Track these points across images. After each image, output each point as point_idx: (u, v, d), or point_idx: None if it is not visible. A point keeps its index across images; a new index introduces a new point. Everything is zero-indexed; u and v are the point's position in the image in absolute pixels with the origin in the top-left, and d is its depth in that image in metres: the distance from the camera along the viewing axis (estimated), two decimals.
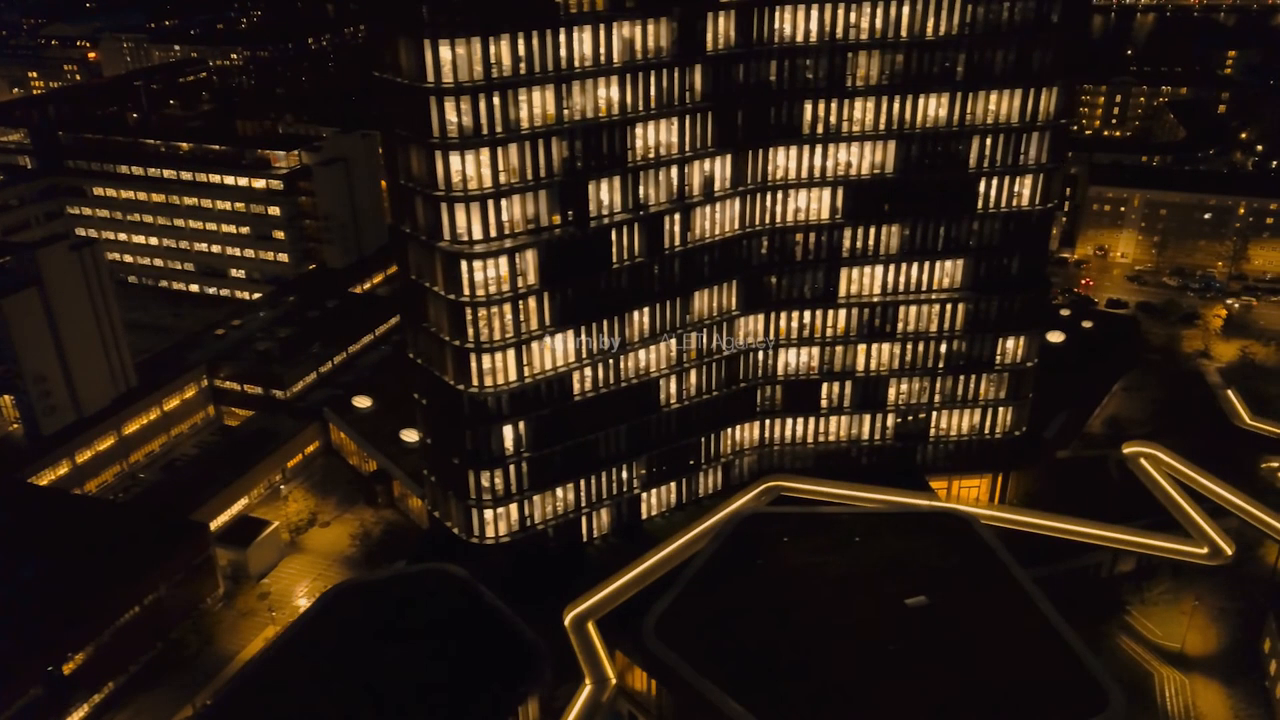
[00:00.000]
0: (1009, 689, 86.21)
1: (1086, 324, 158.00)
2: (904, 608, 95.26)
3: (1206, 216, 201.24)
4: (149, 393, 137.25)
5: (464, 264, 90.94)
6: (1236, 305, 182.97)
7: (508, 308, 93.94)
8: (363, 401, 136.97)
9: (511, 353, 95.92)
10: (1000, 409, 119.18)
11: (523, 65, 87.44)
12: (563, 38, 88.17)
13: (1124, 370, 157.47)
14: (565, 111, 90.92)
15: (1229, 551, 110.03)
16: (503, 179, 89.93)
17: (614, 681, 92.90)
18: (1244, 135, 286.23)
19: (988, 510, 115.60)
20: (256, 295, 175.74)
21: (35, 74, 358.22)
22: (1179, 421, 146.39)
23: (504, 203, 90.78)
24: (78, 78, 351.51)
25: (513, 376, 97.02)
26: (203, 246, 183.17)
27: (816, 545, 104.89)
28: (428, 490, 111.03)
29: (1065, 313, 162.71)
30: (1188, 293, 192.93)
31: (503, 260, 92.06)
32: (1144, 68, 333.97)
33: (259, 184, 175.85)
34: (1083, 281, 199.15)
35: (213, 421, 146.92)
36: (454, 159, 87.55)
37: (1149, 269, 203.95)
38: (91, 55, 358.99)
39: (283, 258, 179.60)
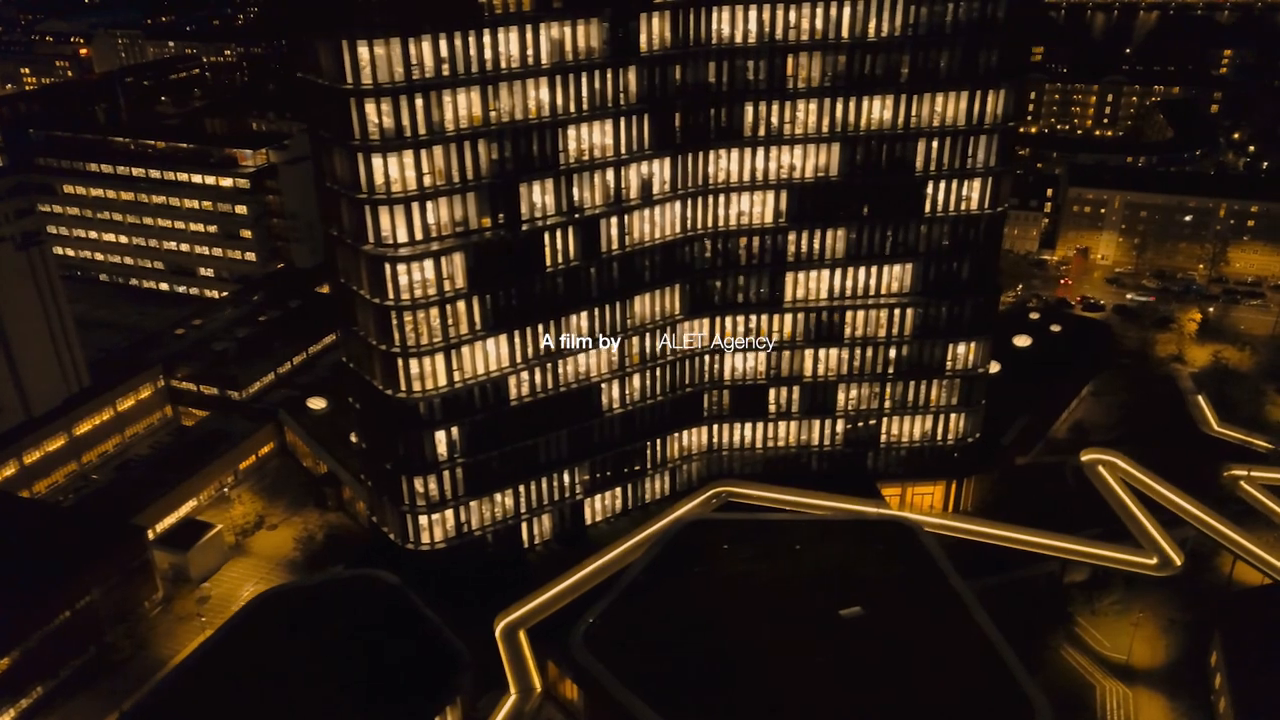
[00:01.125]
0: (936, 703, 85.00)
1: (1055, 327, 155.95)
2: (838, 618, 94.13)
3: (1187, 219, 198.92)
4: (102, 393, 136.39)
5: (389, 267, 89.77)
6: (1212, 309, 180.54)
7: (435, 311, 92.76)
8: (317, 403, 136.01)
9: (440, 357, 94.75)
10: (952, 415, 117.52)
11: (446, 66, 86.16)
12: (487, 39, 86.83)
13: (1093, 375, 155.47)
14: (492, 113, 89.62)
15: (1178, 562, 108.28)
16: (428, 181, 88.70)
17: (538, 691, 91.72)
18: (1236, 135, 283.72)
19: (936, 519, 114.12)
20: (225, 294, 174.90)
21: (28, 70, 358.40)
22: (1146, 428, 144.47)
23: (429, 205, 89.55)
24: (70, 74, 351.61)
25: (442, 381, 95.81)
26: (171, 245, 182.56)
27: (756, 553, 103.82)
28: (366, 495, 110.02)
29: (1034, 316, 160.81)
30: (1168, 295, 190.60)
31: (429, 263, 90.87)
32: (1141, 67, 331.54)
33: (226, 183, 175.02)
34: (1061, 283, 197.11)
35: (170, 422, 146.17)
36: (376, 161, 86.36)
37: (1129, 271, 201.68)
38: (83, 52, 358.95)
39: (250, 256, 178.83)
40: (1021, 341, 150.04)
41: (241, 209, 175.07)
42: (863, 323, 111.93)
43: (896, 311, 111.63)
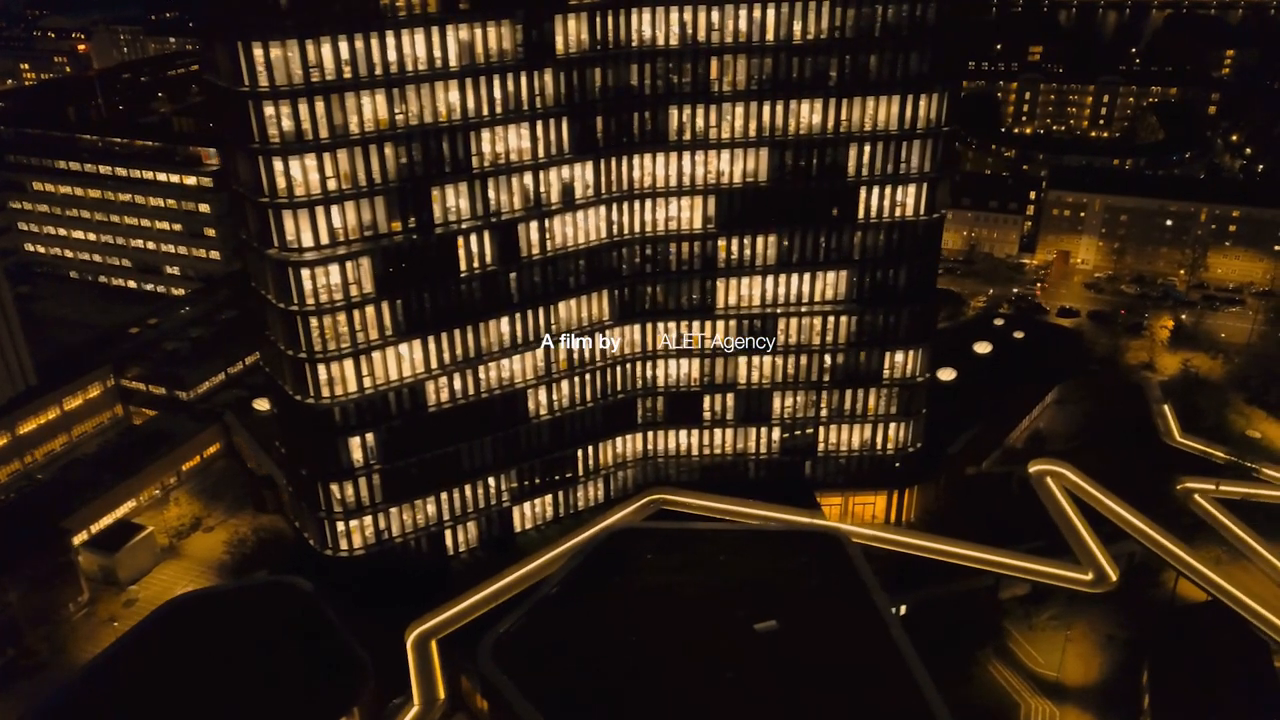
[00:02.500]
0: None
1: (1018, 334, 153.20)
2: (752, 632, 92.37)
3: (1168, 223, 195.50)
4: (48, 392, 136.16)
5: (293, 272, 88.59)
6: (1185, 316, 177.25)
7: (342, 317, 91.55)
8: (263, 404, 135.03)
9: (350, 363, 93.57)
10: (891, 424, 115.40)
11: (348, 69, 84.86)
12: (390, 41, 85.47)
13: (1056, 383, 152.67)
14: (399, 116, 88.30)
15: (1113, 578, 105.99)
16: (332, 185, 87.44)
17: (441, 702, 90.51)
18: (1235, 137, 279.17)
19: (869, 530, 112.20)
20: (186, 293, 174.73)
21: (27, 65, 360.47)
22: (1107, 437, 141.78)
23: (335, 209, 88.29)
24: (68, 70, 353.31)
25: (353, 387, 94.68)
26: (138, 243, 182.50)
27: (680, 563, 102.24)
28: (289, 500, 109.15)
29: (998, 322, 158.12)
30: (1144, 301, 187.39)
31: (334, 268, 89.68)
32: (1152, 67, 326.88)
33: (190, 181, 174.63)
34: (1038, 287, 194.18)
35: (121, 421, 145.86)
36: (277, 164, 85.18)
37: (1107, 276, 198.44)
38: (81, 48, 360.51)
39: (215, 255, 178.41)
40: (982, 348, 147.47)
41: (205, 207, 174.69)
42: (796, 330, 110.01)
43: (830, 319, 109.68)
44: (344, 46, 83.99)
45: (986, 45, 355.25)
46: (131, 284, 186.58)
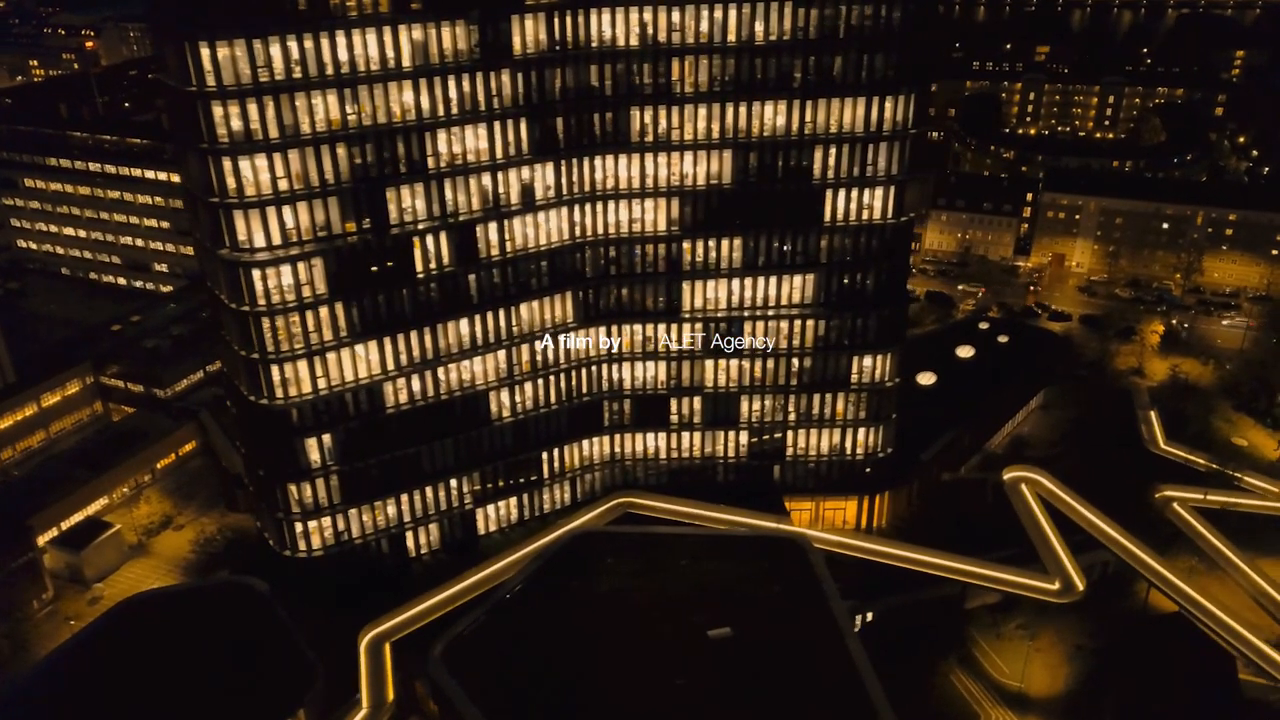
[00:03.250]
0: None
1: (1003, 338, 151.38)
2: (706, 639, 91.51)
3: (1164, 226, 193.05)
4: (26, 388, 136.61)
5: (245, 273, 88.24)
6: (1176, 321, 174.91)
7: (295, 318, 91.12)
8: None
9: (304, 363, 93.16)
10: (861, 429, 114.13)
11: (298, 69, 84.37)
12: (341, 40, 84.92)
13: (1040, 388, 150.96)
14: (351, 116, 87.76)
15: (1080, 587, 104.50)
16: (283, 185, 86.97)
17: (389, 704, 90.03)
18: (1242, 140, 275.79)
19: (834, 536, 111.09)
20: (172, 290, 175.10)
21: (35, 62, 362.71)
22: (1090, 443, 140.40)
23: (286, 210, 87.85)
24: (76, 66, 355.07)
25: (308, 388, 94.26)
26: (127, 240, 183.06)
27: (640, 568, 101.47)
28: (251, 501, 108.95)
29: (983, 325, 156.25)
30: (1139, 306, 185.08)
31: (286, 269, 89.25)
32: (1161, 68, 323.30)
33: (177, 178, 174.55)
34: (1030, 290, 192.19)
35: (101, 418, 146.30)
36: (227, 164, 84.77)
37: (1102, 280, 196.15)
38: (89, 45, 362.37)
39: None
40: (964, 352, 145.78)
41: None
42: (763, 333, 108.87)
43: (797, 323, 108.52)
44: (293, 46, 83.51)
45: (993, 45, 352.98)
46: (121, 281, 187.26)
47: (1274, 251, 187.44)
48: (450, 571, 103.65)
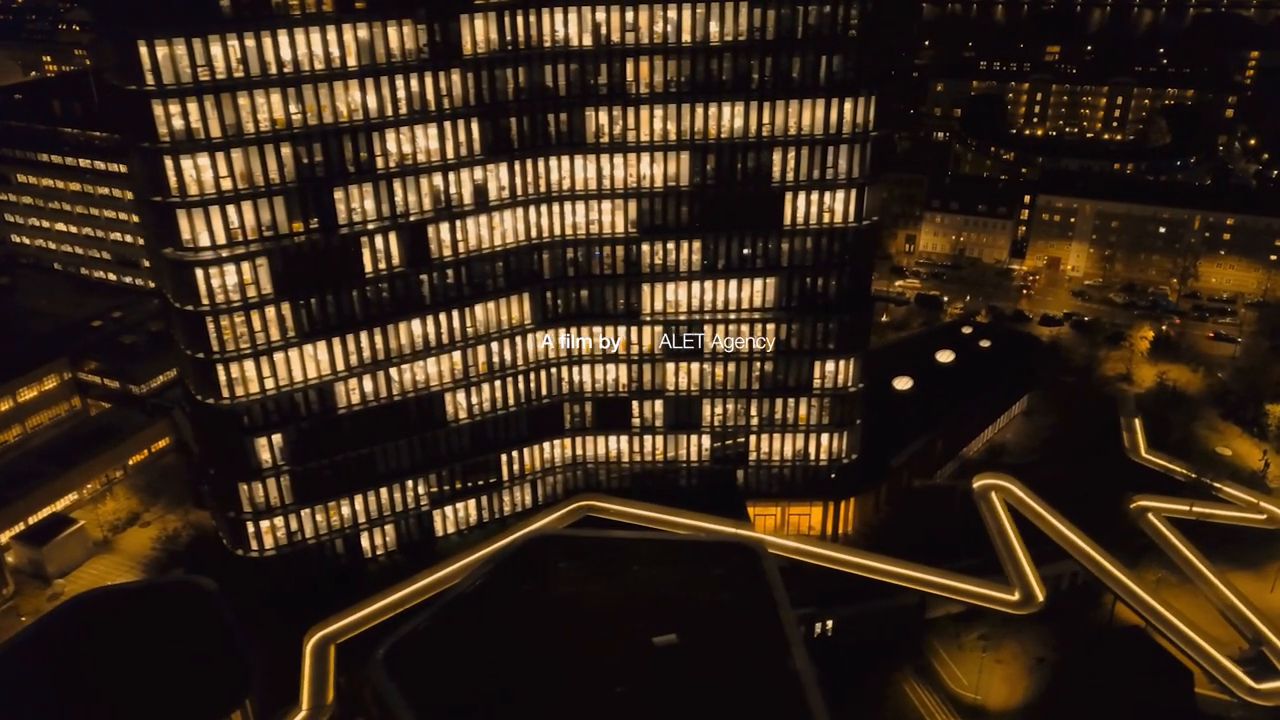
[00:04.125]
0: None
1: (985, 343, 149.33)
2: (651, 646, 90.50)
3: (1161, 230, 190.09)
4: (2, 383, 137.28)
5: (191, 272, 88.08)
6: (1165, 327, 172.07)
7: (241, 318, 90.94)
8: None
9: (251, 363, 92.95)
10: (824, 435, 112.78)
11: (243, 68, 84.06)
12: (284, 39, 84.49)
13: (1022, 393, 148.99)
14: (295, 115, 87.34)
15: (1040, 598, 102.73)
16: (227, 185, 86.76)
17: (329, 706, 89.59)
18: (1253, 142, 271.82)
19: (791, 542, 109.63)
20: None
21: (49, 58, 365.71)
22: (1071, 451, 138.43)
23: (231, 209, 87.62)
24: (88, 63, 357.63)
25: (255, 388, 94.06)
26: (116, 236, 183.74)
27: (592, 573, 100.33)
28: (207, 499, 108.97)
29: (966, 330, 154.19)
30: (1133, 311, 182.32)
31: (231, 268, 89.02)
32: (1168, 68, 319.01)
33: None
34: (1024, 294, 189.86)
35: (79, 414, 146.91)
36: (170, 163, 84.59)
37: (1098, 284, 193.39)
38: None
39: None
40: (944, 357, 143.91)
41: None
42: (724, 337, 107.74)
43: (758, 327, 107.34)
44: (235, 45, 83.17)
45: (1007, 44, 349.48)
46: (111, 276, 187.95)
47: (1273, 257, 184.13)
48: (405, 573, 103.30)
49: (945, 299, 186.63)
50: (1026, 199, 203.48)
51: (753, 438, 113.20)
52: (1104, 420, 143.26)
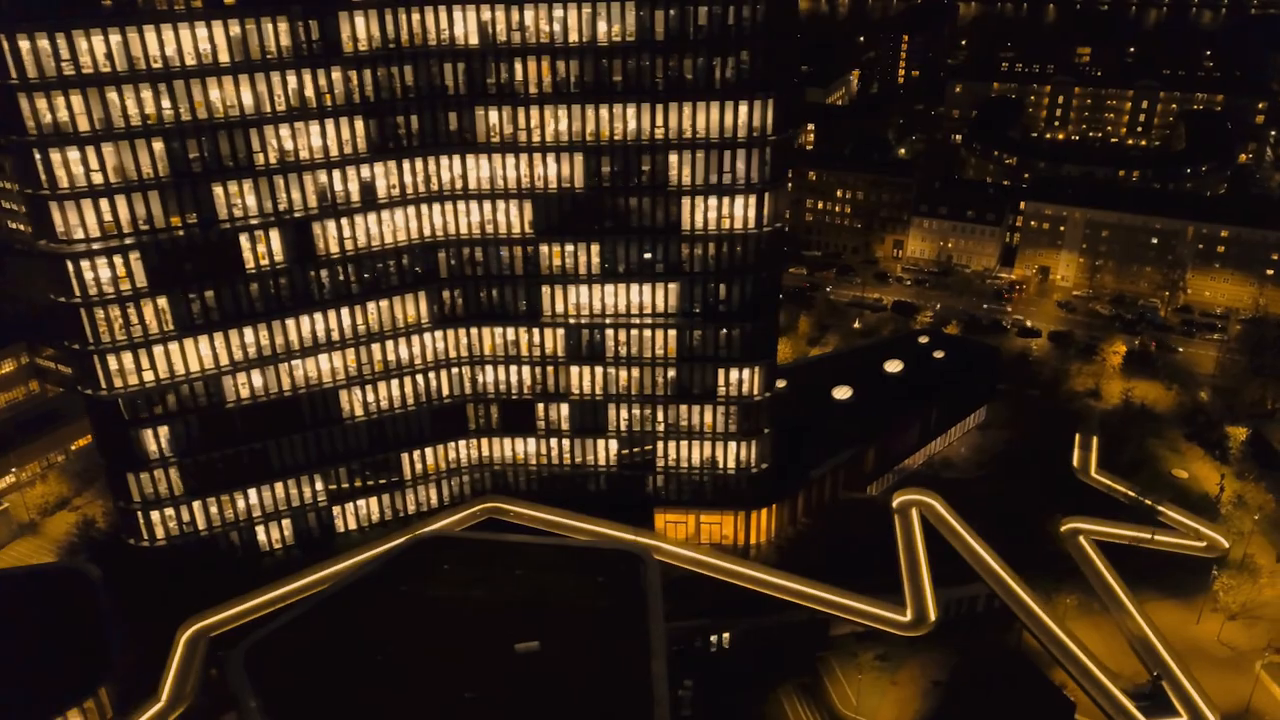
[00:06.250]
0: None
1: (939, 354, 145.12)
2: (512, 652, 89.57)
3: (1153, 241, 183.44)
4: None
5: (65, 265, 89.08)
6: (1139, 341, 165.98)
7: (116, 310, 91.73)
8: None
9: (129, 355, 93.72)
10: (731, 443, 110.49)
11: (111, 62, 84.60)
12: (151, 35, 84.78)
13: (977, 406, 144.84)
14: (168, 111, 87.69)
15: (931, 619, 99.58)
16: (99, 179, 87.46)
17: (188, 697, 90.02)
18: None
19: (685, 551, 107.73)
20: None
21: None
22: (1019, 467, 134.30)
23: (104, 203, 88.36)
24: None
25: (134, 380, 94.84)
26: None
27: (475, 576, 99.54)
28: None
29: (923, 339, 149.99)
30: (1115, 324, 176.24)
31: (103, 261, 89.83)
32: (1198, 71, 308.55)
33: None
34: (1004, 299, 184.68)
35: (36, 398, 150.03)
36: (39, 156, 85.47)
37: (1085, 295, 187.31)
38: None
39: None
40: (892, 367, 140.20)
41: None
42: (625, 341, 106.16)
43: (660, 332, 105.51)
44: (100, 40, 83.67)
45: (1043, 45, 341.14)
46: None
47: (1269, 271, 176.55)
48: (300, 568, 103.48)
49: (922, 306, 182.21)
50: (1022, 205, 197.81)
51: (660, 444, 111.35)
52: (1060, 437, 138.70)
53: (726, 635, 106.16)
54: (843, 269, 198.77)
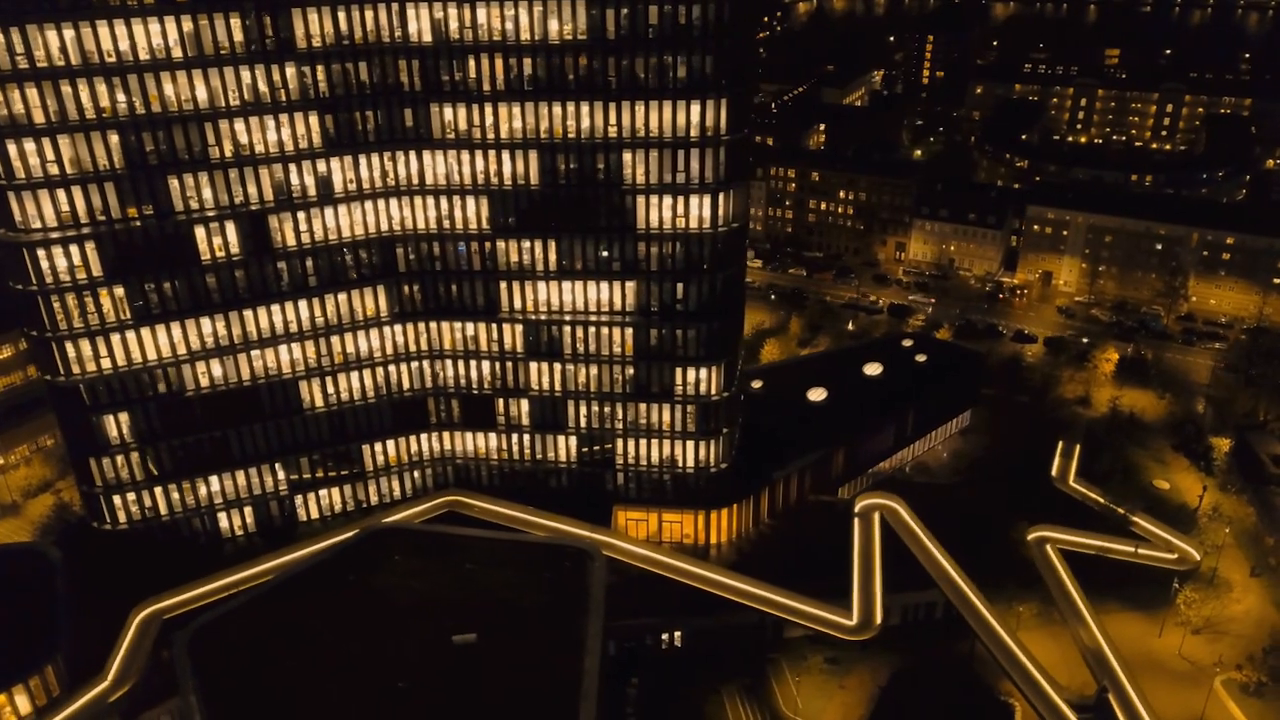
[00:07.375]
0: None
1: (920, 357, 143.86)
2: (449, 644, 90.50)
3: (1157, 247, 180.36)
4: None
5: (21, 254, 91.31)
6: (1130, 349, 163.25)
7: (73, 298, 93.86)
8: None
9: (87, 343, 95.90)
10: (689, 442, 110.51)
11: (65, 56, 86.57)
12: (105, 30, 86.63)
13: (961, 410, 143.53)
14: (123, 104, 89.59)
15: (877, 624, 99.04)
16: (55, 170, 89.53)
17: (132, 678, 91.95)
18: None
19: (644, 550, 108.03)
20: None
21: None
22: (996, 473, 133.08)
23: (61, 194, 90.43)
24: None
25: (92, 367, 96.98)
26: None
27: (423, 568, 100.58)
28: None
29: (906, 343, 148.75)
30: (1114, 331, 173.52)
31: (60, 251, 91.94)
32: (1227, 74, 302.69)
33: None
34: (999, 299, 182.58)
35: (35, 383, 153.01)
36: None
37: (1087, 301, 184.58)
38: None
39: None
40: (871, 370, 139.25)
41: None
42: (583, 339, 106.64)
43: (618, 330, 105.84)
44: (54, 35, 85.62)
45: (1066, 47, 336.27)
46: None
47: (1276, 280, 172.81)
48: (260, 554, 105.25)
49: (917, 309, 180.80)
50: (1028, 210, 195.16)
51: (620, 441, 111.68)
52: (1043, 444, 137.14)
53: (678, 634, 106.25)
54: (842, 270, 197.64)
